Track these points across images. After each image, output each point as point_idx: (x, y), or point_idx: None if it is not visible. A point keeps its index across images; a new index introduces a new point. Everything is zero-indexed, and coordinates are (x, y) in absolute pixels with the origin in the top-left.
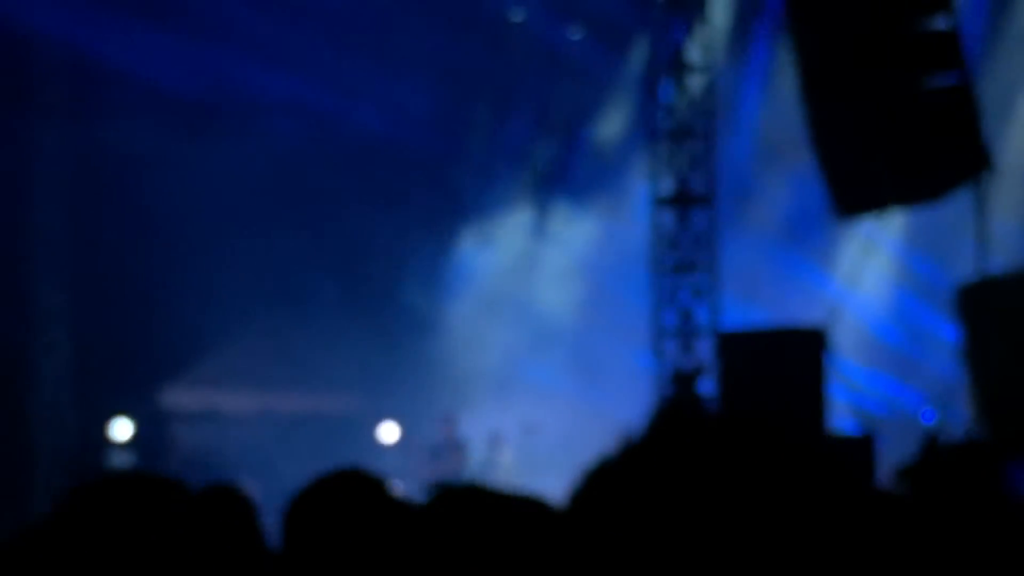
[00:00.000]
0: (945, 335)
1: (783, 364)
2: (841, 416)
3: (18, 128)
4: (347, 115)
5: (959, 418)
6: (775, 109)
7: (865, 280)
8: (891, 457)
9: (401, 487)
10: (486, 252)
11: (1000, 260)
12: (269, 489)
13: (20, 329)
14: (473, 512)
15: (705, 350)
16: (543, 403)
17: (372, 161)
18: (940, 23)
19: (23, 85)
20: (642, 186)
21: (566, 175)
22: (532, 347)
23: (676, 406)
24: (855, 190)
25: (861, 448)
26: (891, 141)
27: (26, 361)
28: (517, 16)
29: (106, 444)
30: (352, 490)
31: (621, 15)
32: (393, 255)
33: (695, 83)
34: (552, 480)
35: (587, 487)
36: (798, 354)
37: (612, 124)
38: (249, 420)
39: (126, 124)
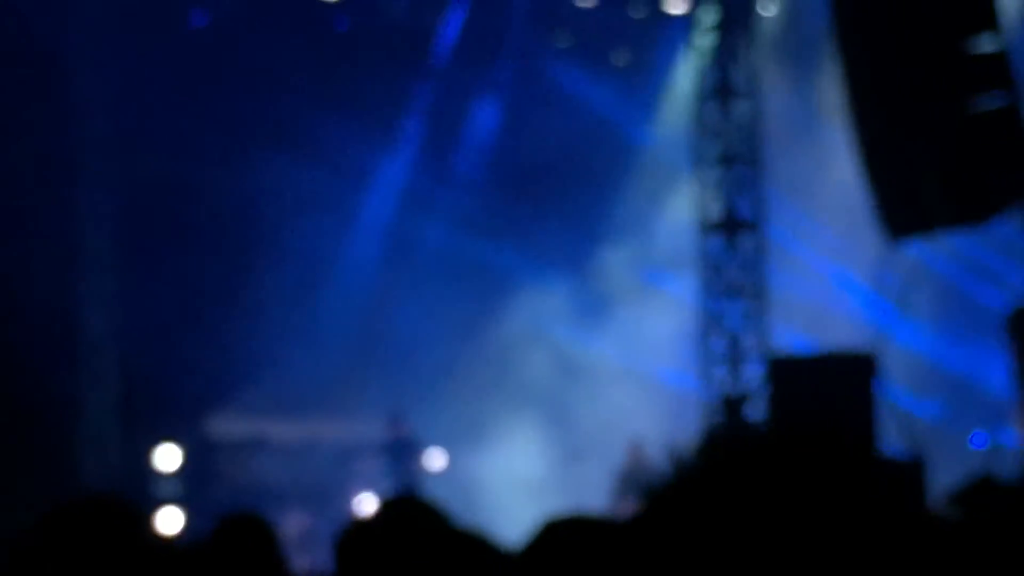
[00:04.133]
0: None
1: (833, 389)
2: (891, 440)
3: (65, 157)
4: None
5: (1010, 440)
6: None
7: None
8: (942, 482)
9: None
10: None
11: None
12: (317, 518)
13: (67, 358)
14: (575, 536)
15: (752, 375)
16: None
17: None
18: (988, 44)
19: (69, 112)
20: None
21: None
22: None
23: (730, 428)
24: (904, 212)
25: (911, 473)
26: (939, 163)
27: (73, 390)
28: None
29: (152, 473)
30: (409, 518)
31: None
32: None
33: (741, 108)
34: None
35: (647, 509)
36: (848, 379)
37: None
38: (296, 448)
39: (172, 151)
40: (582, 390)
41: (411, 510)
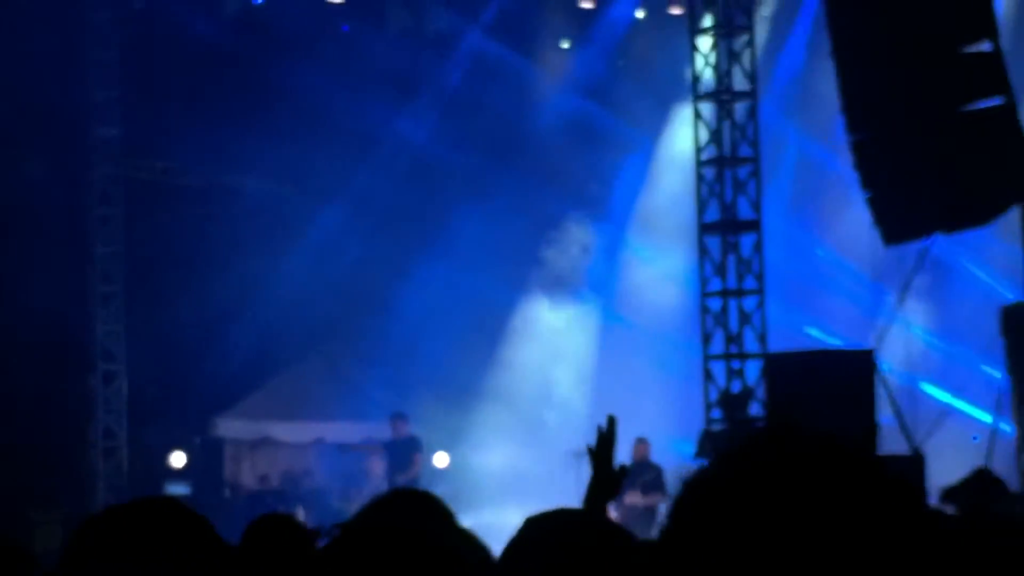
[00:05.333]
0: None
1: (831, 385)
2: (890, 436)
3: (75, 164)
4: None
5: (1006, 432)
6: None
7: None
8: (940, 477)
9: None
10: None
11: None
12: (322, 518)
13: (79, 360)
14: (564, 535)
15: (753, 373)
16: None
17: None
18: (983, 46)
19: (81, 122)
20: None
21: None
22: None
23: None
24: (901, 215)
25: (911, 468)
26: (936, 165)
27: (85, 391)
28: None
29: (163, 472)
30: (414, 511)
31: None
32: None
33: (740, 109)
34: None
35: (688, 504)
36: (846, 375)
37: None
38: (301, 449)
39: (179, 160)
40: (585, 386)
41: (414, 501)
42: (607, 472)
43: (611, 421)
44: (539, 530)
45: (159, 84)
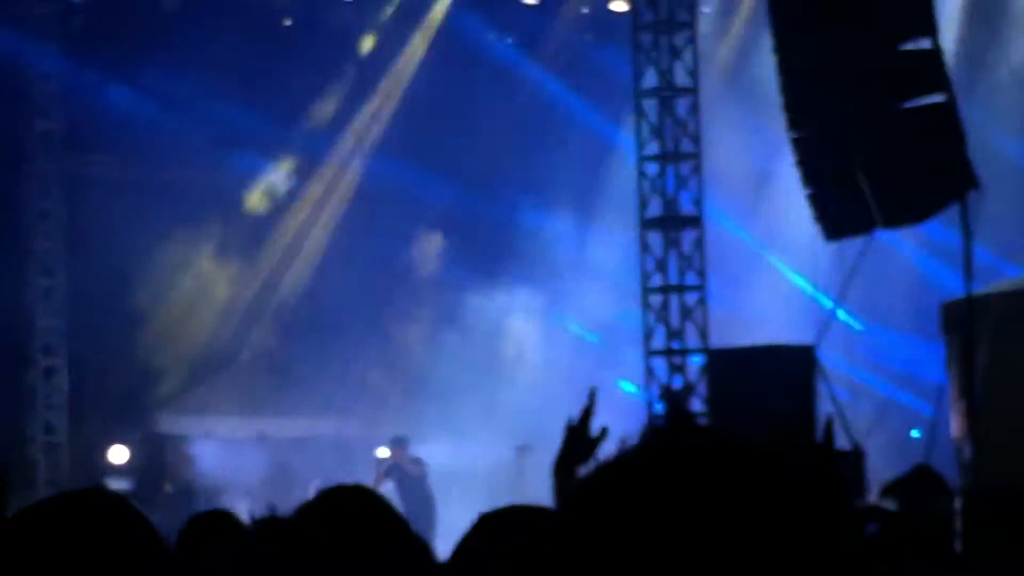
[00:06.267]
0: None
1: (773, 380)
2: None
3: (15, 158)
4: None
5: (946, 429)
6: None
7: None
8: (881, 472)
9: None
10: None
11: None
12: (264, 514)
13: (19, 355)
14: (510, 529)
15: (695, 369)
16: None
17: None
18: (923, 43)
19: (20, 117)
20: None
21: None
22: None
23: (671, 421)
24: (841, 212)
25: (851, 463)
26: (875, 162)
27: (25, 386)
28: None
29: (104, 468)
30: (355, 508)
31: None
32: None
33: (681, 105)
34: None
35: (580, 497)
36: (787, 370)
37: None
38: (244, 444)
39: (118, 154)
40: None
41: (357, 496)
42: (582, 437)
43: (592, 393)
44: (494, 527)
45: (100, 77)
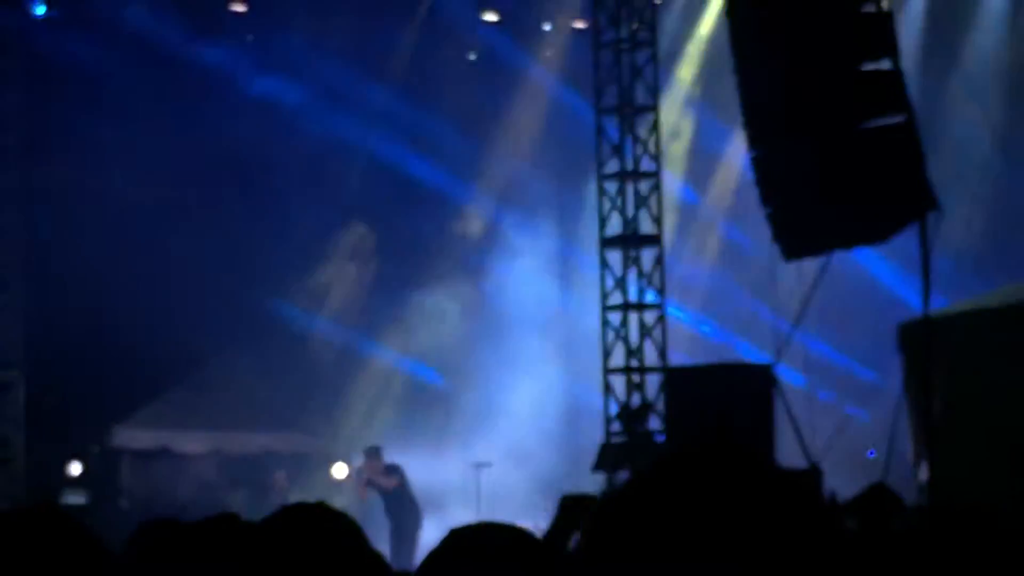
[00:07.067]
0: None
1: (731, 398)
2: (788, 450)
3: None
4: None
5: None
6: None
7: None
8: (839, 489)
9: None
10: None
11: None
12: None
13: None
14: (481, 546)
15: (653, 386)
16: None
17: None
18: (883, 64)
19: None
20: None
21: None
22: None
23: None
24: (799, 231)
25: (807, 481)
26: (835, 182)
27: None
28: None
29: (59, 481)
30: (320, 522)
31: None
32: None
33: (641, 123)
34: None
35: (603, 522)
36: (745, 389)
37: None
38: (200, 459)
39: (78, 164)
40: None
41: (320, 513)
42: (576, 514)
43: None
44: (463, 543)
45: (58, 92)
